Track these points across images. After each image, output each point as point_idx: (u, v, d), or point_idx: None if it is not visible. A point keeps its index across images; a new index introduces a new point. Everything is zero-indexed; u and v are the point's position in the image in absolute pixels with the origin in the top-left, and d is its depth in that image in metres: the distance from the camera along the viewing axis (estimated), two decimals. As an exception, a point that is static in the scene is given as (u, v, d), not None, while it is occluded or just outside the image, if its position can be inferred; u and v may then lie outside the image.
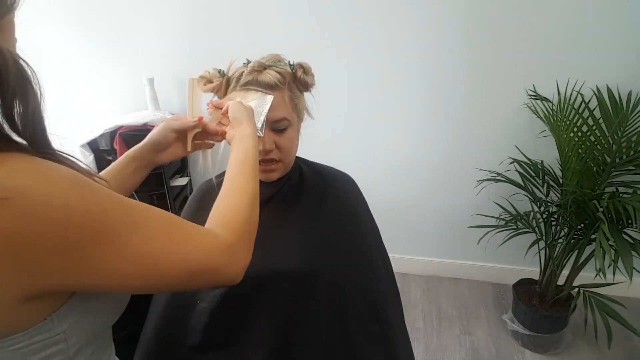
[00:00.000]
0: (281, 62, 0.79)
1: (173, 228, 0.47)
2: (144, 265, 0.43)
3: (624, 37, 1.60)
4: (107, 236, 0.40)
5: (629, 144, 1.48)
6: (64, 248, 0.38)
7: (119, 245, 0.41)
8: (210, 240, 0.49)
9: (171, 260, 0.45)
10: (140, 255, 0.43)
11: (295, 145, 0.84)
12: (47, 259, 0.38)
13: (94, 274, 0.41)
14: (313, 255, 0.80)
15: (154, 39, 2.06)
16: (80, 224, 0.38)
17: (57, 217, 0.37)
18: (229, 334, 0.76)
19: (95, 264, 0.40)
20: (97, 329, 0.50)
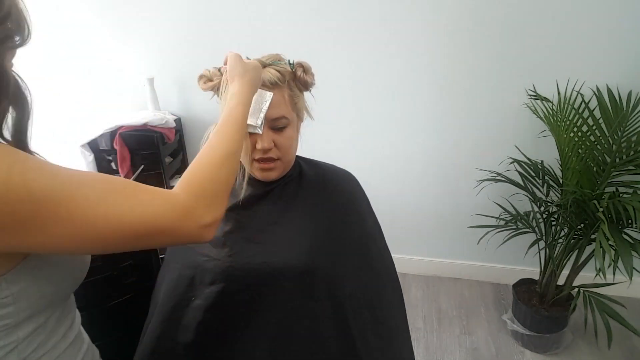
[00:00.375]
0: (281, 61, 0.79)
1: (115, 192, 0.48)
2: (85, 230, 0.45)
3: (624, 37, 1.60)
4: (39, 204, 0.42)
5: (629, 144, 1.48)
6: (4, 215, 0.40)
7: (59, 212, 0.43)
8: (160, 201, 0.50)
9: (112, 223, 0.46)
10: (79, 220, 0.44)
11: (295, 144, 0.84)
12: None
13: (36, 237, 0.43)
14: (312, 252, 0.80)
15: (154, 39, 2.06)
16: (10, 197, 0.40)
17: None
18: (226, 331, 0.76)
19: (37, 229, 0.42)
20: (50, 295, 0.51)
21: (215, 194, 0.55)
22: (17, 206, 0.41)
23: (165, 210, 0.49)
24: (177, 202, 0.51)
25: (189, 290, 0.78)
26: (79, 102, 2.23)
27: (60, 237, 0.44)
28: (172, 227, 0.50)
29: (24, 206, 0.41)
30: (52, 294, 0.52)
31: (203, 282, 0.77)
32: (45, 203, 0.42)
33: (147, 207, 0.48)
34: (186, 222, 0.51)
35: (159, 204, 0.49)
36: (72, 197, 0.44)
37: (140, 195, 0.49)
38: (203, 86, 0.81)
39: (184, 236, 0.51)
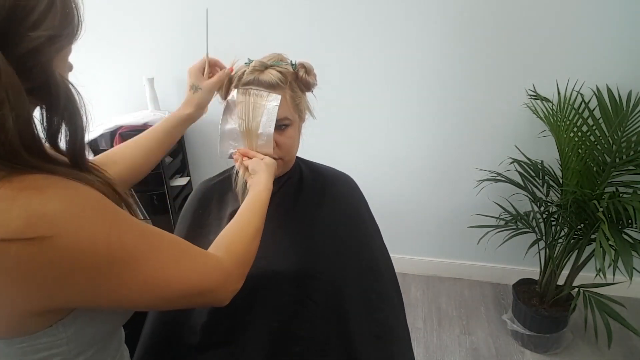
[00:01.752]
0: (283, 62, 0.79)
1: (181, 253, 0.50)
2: (153, 289, 0.46)
3: (624, 37, 1.60)
4: (124, 263, 0.42)
5: (629, 144, 1.48)
6: (85, 274, 0.40)
7: (134, 271, 0.43)
8: (211, 264, 0.53)
9: (178, 283, 0.48)
10: (151, 280, 0.45)
11: (296, 144, 0.84)
12: (66, 284, 0.40)
13: (107, 296, 0.43)
14: (312, 256, 0.80)
15: (154, 39, 2.06)
16: (102, 253, 0.40)
17: (83, 248, 0.39)
18: (228, 333, 0.76)
19: (110, 287, 0.43)
20: (100, 334, 0.51)
21: (247, 264, 0.60)
22: (108, 263, 0.41)
23: (214, 273, 0.53)
24: (224, 267, 0.54)
25: None
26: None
27: (132, 294, 0.44)
28: (213, 289, 0.53)
29: (114, 263, 0.41)
30: (104, 331, 0.52)
31: None
32: (132, 261, 0.43)
33: (203, 270, 0.51)
34: (225, 286, 0.54)
35: (212, 267, 0.53)
36: (149, 257, 0.45)
37: (199, 259, 0.52)
38: None
39: (218, 298, 0.54)
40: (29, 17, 0.37)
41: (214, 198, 0.89)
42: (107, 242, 0.40)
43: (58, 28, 0.40)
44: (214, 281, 0.52)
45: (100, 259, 0.40)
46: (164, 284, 0.46)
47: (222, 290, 0.54)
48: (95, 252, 0.39)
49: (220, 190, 0.90)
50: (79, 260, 0.39)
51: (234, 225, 0.63)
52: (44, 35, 0.38)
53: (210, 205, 0.89)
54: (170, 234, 0.51)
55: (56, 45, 0.41)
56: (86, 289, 0.41)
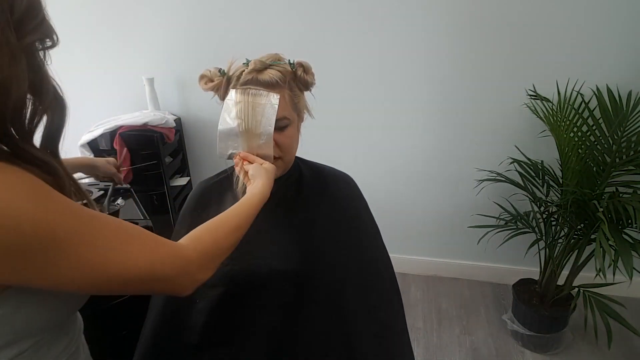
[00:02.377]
0: (281, 61, 0.79)
1: (129, 238, 0.49)
2: (90, 272, 0.45)
3: (624, 37, 1.60)
4: (55, 244, 0.42)
5: (629, 144, 1.48)
6: (13, 251, 0.40)
7: (68, 253, 0.43)
8: (166, 251, 0.52)
9: (121, 268, 0.47)
10: (88, 263, 0.45)
11: (295, 143, 0.84)
12: None
13: (40, 277, 0.43)
14: (312, 255, 0.80)
15: (154, 39, 2.06)
16: (27, 233, 0.40)
17: (7, 224, 0.39)
18: (228, 333, 0.76)
19: (42, 268, 0.42)
20: (37, 322, 0.49)
21: (214, 257, 0.59)
22: (34, 242, 0.41)
23: (170, 259, 0.52)
24: (184, 255, 0.54)
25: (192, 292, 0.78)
26: (79, 102, 2.23)
27: (65, 276, 0.44)
28: (171, 276, 0.52)
29: (42, 243, 0.41)
30: (40, 321, 0.50)
31: (205, 285, 0.77)
32: (62, 243, 0.42)
33: (154, 256, 0.50)
34: (183, 274, 0.54)
35: (167, 253, 0.52)
36: (89, 240, 0.45)
37: (151, 244, 0.51)
38: (204, 86, 0.81)
39: (177, 287, 0.54)
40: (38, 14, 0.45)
41: (213, 198, 0.89)
42: (32, 221, 0.40)
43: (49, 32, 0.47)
44: (169, 268, 0.51)
45: (26, 239, 0.40)
46: (101, 267, 0.46)
47: (180, 279, 0.53)
48: (20, 232, 0.40)
49: (219, 190, 0.90)
50: (3, 238, 0.39)
51: (213, 220, 0.63)
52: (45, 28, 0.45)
53: (210, 205, 0.89)
54: (123, 222, 0.51)
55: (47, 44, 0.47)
56: (14, 267, 0.41)
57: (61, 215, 0.43)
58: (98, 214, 0.48)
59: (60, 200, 0.44)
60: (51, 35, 0.47)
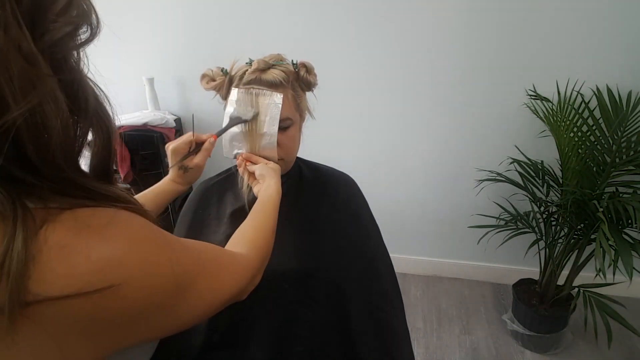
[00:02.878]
0: (284, 62, 0.79)
1: (221, 262, 0.49)
2: (203, 307, 0.44)
3: (624, 37, 1.60)
4: (186, 288, 0.40)
5: (629, 144, 1.48)
6: (155, 311, 0.37)
7: (194, 292, 0.41)
8: (243, 266, 0.53)
9: (223, 294, 0.48)
10: (203, 299, 0.44)
11: (297, 144, 0.84)
12: (134, 326, 0.37)
13: (170, 325, 0.41)
14: (313, 255, 0.80)
15: (153, 39, 2.06)
16: (170, 284, 0.38)
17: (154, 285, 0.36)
18: (230, 333, 0.76)
19: (175, 315, 0.40)
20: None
21: (267, 258, 0.62)
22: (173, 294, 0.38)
23: (245, 272, 0.53)
24: (251, 263, 0.55)
25: None
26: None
27: (185, 319, 0.41)
28: (244, 288, 0.53)
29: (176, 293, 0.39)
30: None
31: None
32: (188, 287, 0.40)
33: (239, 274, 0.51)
34: (252, 281, 0.56)
35: (243, 268, 0.53)
36: (203, 275, 0.43)
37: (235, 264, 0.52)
38: (205, 86, 0.81)
39: (243, 296, 0.55)
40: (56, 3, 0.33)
41: (214, 198, 0.89)
42: (171, 272, 0.38)
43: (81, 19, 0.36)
44: (245, 280, 0.52)
45: (169, 291, 0.37)
46: (212, 300, 0.45)
47: (250, 286, 0.55)
48: (164, 287, 0.37)
49: (220, 189, 0.90)
50: (149, 299, 0.35)
51: (251, 223, 0.63)
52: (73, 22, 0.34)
53: (210, 204, 0.89)
54: (213, 247, 0.49)
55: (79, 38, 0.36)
56: (153, 325, 0.38)
57: (185, 257, 0.41)
58: (195, 244, 0.46)
59: (176, 241, 0.41)
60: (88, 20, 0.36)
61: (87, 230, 0.33)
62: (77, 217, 0.33)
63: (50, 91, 0.31)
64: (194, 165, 0.76)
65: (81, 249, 0.32)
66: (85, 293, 0.31)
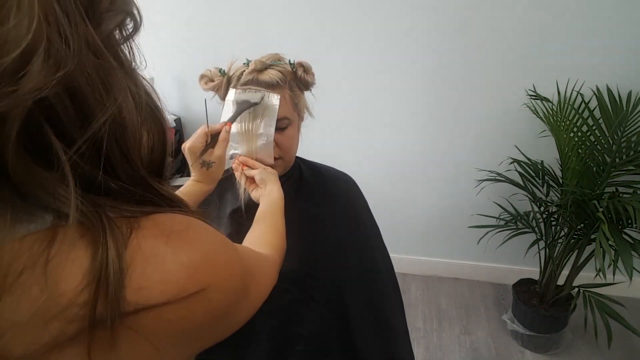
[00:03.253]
0: (281, 61, 0.79)
1: (261, 266, 0.51)
2: (255, 304, 0.46)
3: (624, 37, 1.60)
4: (251, 286, 0.42)
5: (629, 144, 1.48)
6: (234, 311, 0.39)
7: (254, 288, 0.43)
8: (271, 265, 0.55)
9: (266, 292, 0.50)
10: (257, 295, 0.46)
11: (296, 143, 0.84)
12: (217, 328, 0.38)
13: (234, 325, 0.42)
14: (313, 255, 0.80)
15: (153, 39, 2.05)
16: (241, 283, 0.39)
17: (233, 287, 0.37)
18: (229, 334, 0.76)
19: (238, 317, 0.42)
20: None
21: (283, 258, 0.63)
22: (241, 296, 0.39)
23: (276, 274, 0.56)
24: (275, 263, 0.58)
25: None
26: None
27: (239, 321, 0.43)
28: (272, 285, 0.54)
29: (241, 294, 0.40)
30: None
31: None
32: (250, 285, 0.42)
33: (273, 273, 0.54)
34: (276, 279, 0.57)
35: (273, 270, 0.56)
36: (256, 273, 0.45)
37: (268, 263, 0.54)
38: (204, 86, 0.82)
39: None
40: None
41: (214, 198, 0.89)
42: (240, 272, 0.39)
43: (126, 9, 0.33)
44: (275, 278, 0.54)
45: (240, 290, 0.39)
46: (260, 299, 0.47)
47: (274, 283, 0.56)
48: (238, 286, 0.38)
49: (219, 190, 0.90)
50: (230, 299, 0.37)
51: (265, 225, 0.64)
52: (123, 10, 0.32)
53: (210, 205, 0.89)
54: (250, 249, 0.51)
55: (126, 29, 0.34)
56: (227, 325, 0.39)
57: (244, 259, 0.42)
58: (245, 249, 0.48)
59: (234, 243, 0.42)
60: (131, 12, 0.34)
61: (173, 236, 0.32)
62: (157, 223, 0.33)
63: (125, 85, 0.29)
64: (215, 158, 0.72)
65: (172, 255, 0.31)
66: (182, 298, 0.31)
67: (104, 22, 0.29)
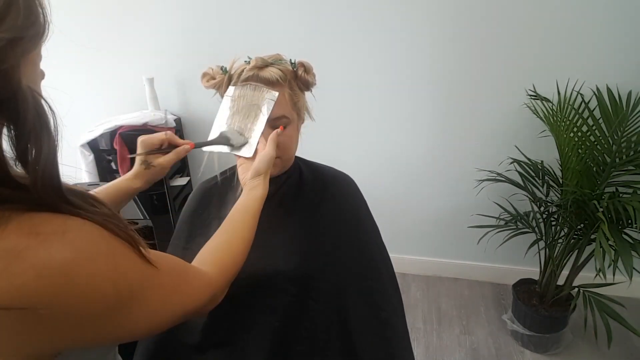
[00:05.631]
0: (283, 61, 0.79)
1: (179, 280, 0.49)
2: (155, 320, 0.45)
3: (624, 37, 1.60)
4: (131, 302, 0.41)
5: (629, 144, 1.48)
6: (93, 320, 0.38)
7: (139, 307, 0.42)
8: (202, 284, 0.53)
9: (177, 310, 0.48)
10: (154, 312, 0.44)
11: (295, 143, 0.84)
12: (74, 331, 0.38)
13: (113, 334, 0.42)
14: (312, 255, 0.80)
15: (153, 39, 2.06)
16: (113, 296, 0.39)
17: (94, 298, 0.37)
18: (229, 333, 0.76)
19: (116, 326, 0.41)
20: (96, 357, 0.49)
21: (234, 275, 0.60)
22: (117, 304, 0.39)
23: (205, 291, 0.53)
24: (212, 283, 0.54)
25: None
26: (79, 102, 2.23)
27: (129, 330, 0.42)
28: (202, 307, 0.53)
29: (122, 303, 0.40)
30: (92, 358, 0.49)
31: None
32: (137, 296, 0.41)
33: (197, 292, 0.51)
34: (212, 301, 0.55)
35: (204, 287, 0.53)
36: (152, 292, 0.44)
37: (193, 282, 0.51)
38: (205, 84, 0.82)
39: (203, 312, 0.55)
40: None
41: (214, 198, 0.89)
42: (112, 285, 0.38)
43: (21, 29, 0.34)
44: (204, 299, 0.52)
45: (109, 304, 0.38)
46: (165, 313, 0.46)
47: (209, 305, 0.55)
48: (104, 299, 0.38)
49: (220, 190, 0.90)
50: (88, 309, 0.37)
51: (222, 236, 0.62)
52: (5, 37, 0.32)
53: (210, 205, 0.89)
54: (167, 258, 0.49)
55: (19, 48, 0.35)
56: (94, 332, 0.39)
57: (132, 268, 0.41)
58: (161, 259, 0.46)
59: (127, 255, 0.41)
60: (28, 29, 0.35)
61: (40, 238, 0.34)
62: (33, 223, 0.34)
63: None
64: (158, 164, 0.73)
65: (26, 256, 0.32)
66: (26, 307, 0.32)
67: None
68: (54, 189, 0.37)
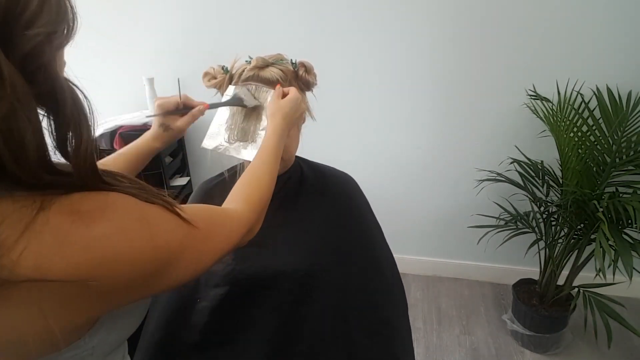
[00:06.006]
0: (284, 61, 0.79)
1: (215, 228, 0.52)
2: (198, 267, 0.48)
3: (624, 37, 1.60)
4: (172, 261, 0.43)
5: (629, 144, 1.48)
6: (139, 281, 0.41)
7: (180, 262, 0.45)
8: (238, 224, 0.56)
9: (216, 254, 0.51)
10: (196, 261, 0.47)
11: (295, 143, 0.84)
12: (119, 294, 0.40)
13: (157, 290, 0.45)
14: (314, 254, 0.80)
15: (153, 39, 2.06)
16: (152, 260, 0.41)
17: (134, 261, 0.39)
18: (229, 332, 0.76)
19: (160, 284, 0.44)
20: (119, 341, 0.51)
21: (265, 209, 0.64)
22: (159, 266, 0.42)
23: (240, 229, 0.56)
24: (247, 219, 0.58)
25: (194, 292, 0.78)
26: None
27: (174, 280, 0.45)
28: (238, 243, 0.56)
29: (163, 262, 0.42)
30: (121, 339, 0.51)
31: (208, 285, 0.77)
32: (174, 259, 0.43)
33: (233, 233, 0.54)
34: (247, 236, 0.58)
35: (237, 226, 0.56)
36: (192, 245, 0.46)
37: (228, 224, 0.55)
38: (207, 83, 0.82)
39: (243, 243, 0.58)
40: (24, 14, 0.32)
41: (215, 198, 0.89)
42: (152, 247, 0.41)
43: (55, 23, 0.36)
44: (240, 236, 0.56)
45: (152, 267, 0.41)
46: (207, 259, 0.49)
47: (246, 238, 0.58)
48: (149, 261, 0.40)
49: (221, 190, 0.90)
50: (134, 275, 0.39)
51: (250, 176, 0.65)
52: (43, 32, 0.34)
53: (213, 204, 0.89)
54: (201, 210, 0.52)
55: (55, 42, 0.37)
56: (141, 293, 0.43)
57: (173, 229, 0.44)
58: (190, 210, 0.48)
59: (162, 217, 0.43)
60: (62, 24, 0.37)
61: (80, 215, 0.36)
62: (72, 201, 0.37)
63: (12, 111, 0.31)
64: (176, 127, 0.75)
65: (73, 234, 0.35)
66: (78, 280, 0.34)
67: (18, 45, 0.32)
68: (93, 172, 0.39)
